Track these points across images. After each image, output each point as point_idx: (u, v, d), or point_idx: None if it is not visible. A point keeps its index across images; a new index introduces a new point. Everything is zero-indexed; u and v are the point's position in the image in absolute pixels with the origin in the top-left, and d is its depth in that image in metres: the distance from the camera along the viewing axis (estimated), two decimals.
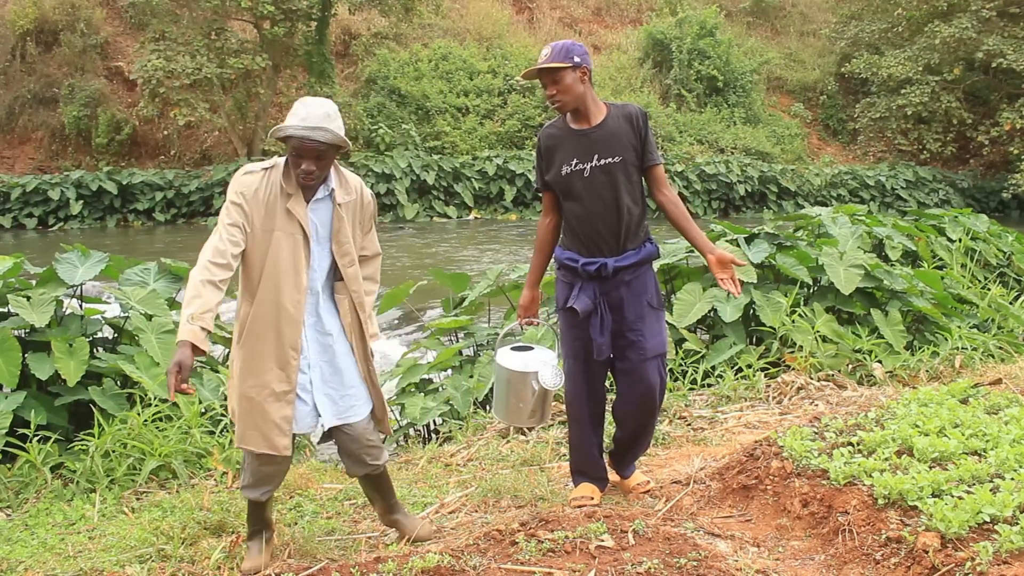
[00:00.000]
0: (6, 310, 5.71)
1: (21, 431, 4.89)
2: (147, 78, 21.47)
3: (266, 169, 3.39)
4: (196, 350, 3.11)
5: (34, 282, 5.96)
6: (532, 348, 4.08)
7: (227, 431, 5.12)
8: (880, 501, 3.30)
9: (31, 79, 24.78)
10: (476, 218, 23.28)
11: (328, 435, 3.67)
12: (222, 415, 5.22)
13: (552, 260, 4.08)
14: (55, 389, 5.36)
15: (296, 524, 4.06)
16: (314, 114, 3.28)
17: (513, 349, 4.03)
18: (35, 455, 4.66)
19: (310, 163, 3.29)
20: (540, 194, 4.07)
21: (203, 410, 5.18)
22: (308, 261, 3.40)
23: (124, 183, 22.50)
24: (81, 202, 22.08)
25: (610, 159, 3.80)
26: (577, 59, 3.74)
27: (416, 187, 23.38)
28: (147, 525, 3.93)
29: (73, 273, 5.92)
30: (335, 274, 3.52)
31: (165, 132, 24.38)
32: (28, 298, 5.54)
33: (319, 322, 3.48)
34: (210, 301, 3.14)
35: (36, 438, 4.77)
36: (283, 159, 3.40)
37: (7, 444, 4.82)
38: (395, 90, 25.71)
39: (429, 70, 26.43)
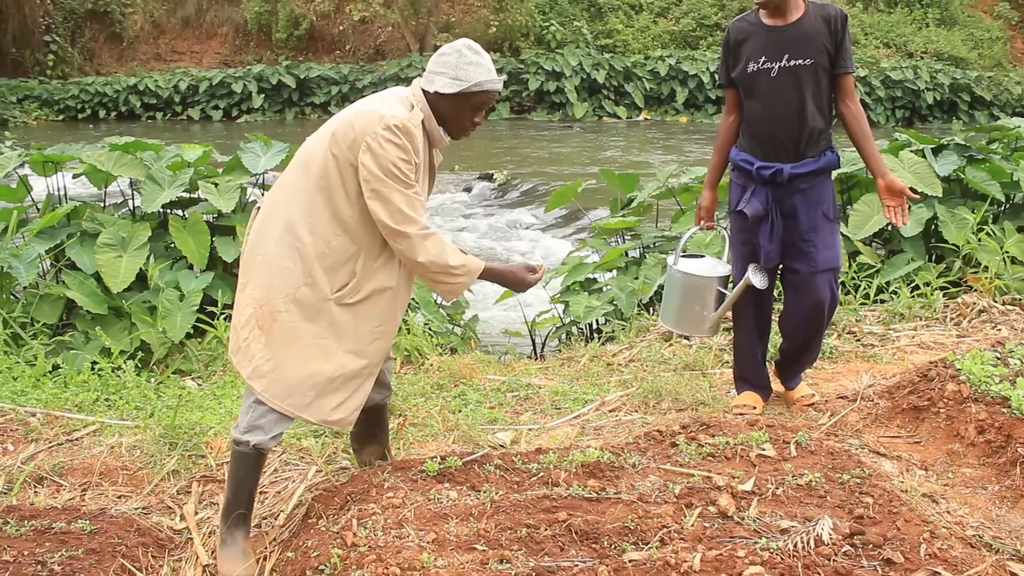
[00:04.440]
0: (196, 196, 6.08)
1: (209, 309, 5.27)
2: None
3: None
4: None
5: (221, 170, 6.30)
6: (704, 256, 4.01)
7: None
8: None
9: None
10: (646, 119, 22.85)
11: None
12: None
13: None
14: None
15: (460, 412, 4.21)
16: (491, 66, 2.87)
17: (685, 258, 3.97)
18: (222, 331, 4.98)
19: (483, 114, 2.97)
20: (723, 90, 3.94)
21: None
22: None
23: (302, 77, 23.38)
24: (262, 95, 23.21)
25: (800, 61, 3.62)
26: None
27: (586, 86, 23.14)
28: None
29: (256, 162, 6.21)
30: None
31: (340, 27, 25.00)
32: (216, 185, 5.87)
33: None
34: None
35: (223, 316, 5.11)
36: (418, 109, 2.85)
37: (197, 320, 5.20)
38: None
39: None
